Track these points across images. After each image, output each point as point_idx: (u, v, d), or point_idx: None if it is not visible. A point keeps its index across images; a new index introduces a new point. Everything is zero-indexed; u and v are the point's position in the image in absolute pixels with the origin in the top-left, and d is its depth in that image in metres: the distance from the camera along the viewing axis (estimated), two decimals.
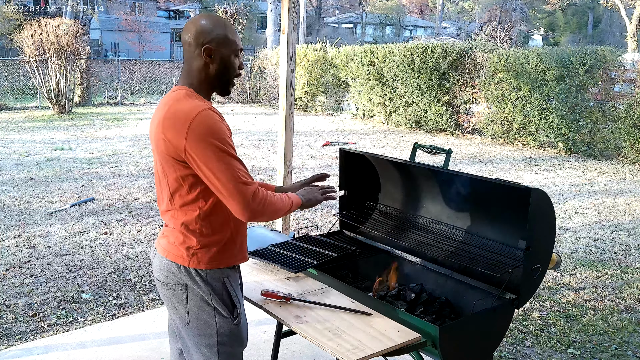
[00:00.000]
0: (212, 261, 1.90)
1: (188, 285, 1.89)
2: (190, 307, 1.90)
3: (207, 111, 1.78)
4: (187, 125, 1.75)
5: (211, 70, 1.88)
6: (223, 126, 1.80)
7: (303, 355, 3.24)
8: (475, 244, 2.47)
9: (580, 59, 10.39)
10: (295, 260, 2.54)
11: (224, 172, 1.75)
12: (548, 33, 42.27)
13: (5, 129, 12.01)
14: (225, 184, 1.76)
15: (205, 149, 1.74)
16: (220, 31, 1.87)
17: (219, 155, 1.74)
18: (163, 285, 1.94)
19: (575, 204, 7.13)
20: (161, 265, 1.94)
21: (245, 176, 1.80)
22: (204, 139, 1.74)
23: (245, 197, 1.77)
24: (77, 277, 4.44)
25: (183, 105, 1.80)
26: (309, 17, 36.39)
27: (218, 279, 1.91)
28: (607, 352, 3.47)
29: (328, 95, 17.04)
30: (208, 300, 1.89)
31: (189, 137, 1.74)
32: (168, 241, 1.93)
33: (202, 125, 1.75)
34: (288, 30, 3.87)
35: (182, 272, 1.89)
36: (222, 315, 1.91)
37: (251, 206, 1.78)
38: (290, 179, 4.12)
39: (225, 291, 1.92)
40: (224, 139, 1.77)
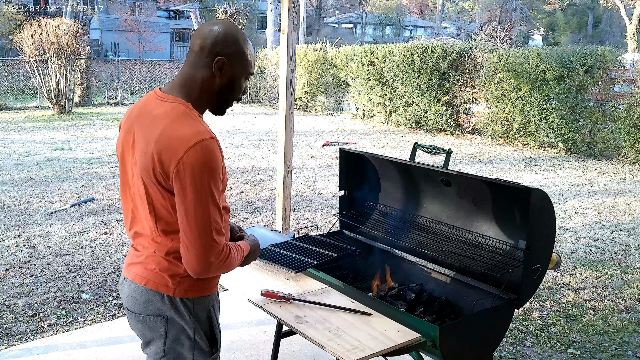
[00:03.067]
0: (200, 289, 1.73)
1: (169, 317, 1.70)
2: (169, 341, 1.72)
3: (208, 142, 1.56)
4: (183, 152, 1.54)
5: (216, 84, 1.68)
6: (219, 162, 1.59)
7: (303, 355, 3.24)
8: (475, 244, 2.47)
9: (580, 59, 10.39)
10: (295, 260, 2.54)
11: (198, 217, 1.56)
12: (548, 33, 42.26)
13: (5, 129, 12.01)
14: (193, 230, 1.58)
15: (191, 185, 1.55)
16: (240, 47, 1.69)
17: (200, 197, 1.56)
18: (138, 317, 1.75)
19: (575, 204, 7.13)
20: (136, 294, 1.73)
21: (218, 229, 1.60)
22: (192, 173, 1.54)
23: (206, 252, 1.58)
24: (77, 277, 4.44)
25: (184, 128, 1.58)
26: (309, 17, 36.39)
27: (204, 308, 1.75)
28: (607, 352, 3.47)
29: (328, 95, 17.04)
30: (190, 333, 1.73)
31: (180, 165, 1.55)
32: (146, 268, 1.71)
33: (198, 157, 1.54)
34: (288, 30, 3.87)
35: (164, 303, 1.70)
36: (202, 349, 1.75)
37: (208, 264, 1.59)
38: (290, 179, 4.12)
39: (209, 322, 1.77)
40: (214, 180, 1.58)
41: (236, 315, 3.70)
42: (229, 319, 3.65)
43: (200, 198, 1.56)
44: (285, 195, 4.10)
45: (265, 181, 7.88)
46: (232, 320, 3.64)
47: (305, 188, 7.58)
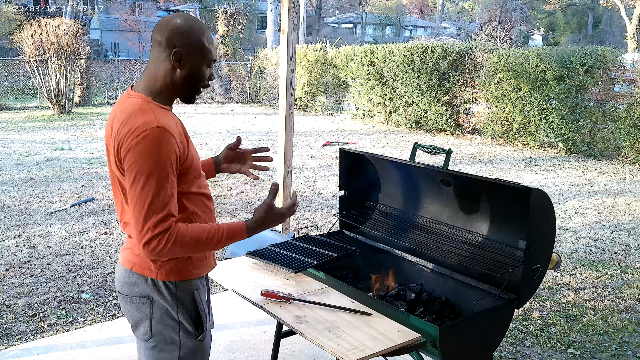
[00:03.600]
0: (181, 273, 1.80)
1: (153, 299, 1.79)
2: (154, 322, 1.80)
3: (154, 130, 1.63)
4: (131, 142, 1.63)
5: (177, 76, 1.75)
6: (166, 150, 1.64)
7: (303, 355, 3.24)
8: (475, 244, 2.47)
9: (580, 59, 10.39)
10: (295, 260, 2.54)
11: (136, 203, 1.63)
12: (548, 33, 42.26)
13: (5, 129, 12.01)
14: (135, 215, 1.64)
15: (134, 171, 1.63)
16: (196, 37, 1.74)
17: (139, 183, 1.62)
18: (126, 298, 1.83)
19: (575, 204, 7.13)
20: (125, 277, 1.83)
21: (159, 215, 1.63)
22: (137, 160, 1.62)
23: (144, 234, 1.63)
24: (77, 277, 4.45)
25: (136, 119, 1.66)
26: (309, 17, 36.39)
27: (187, 291, 1.82)
28: (607, 352, 3.47)
29: (328, 95, 17.05)
30: (174, 314, 1.80)
31: (129, 153, 1.63)
32: (133, 253, 1.81)
33: (142, 145, 1.62)
34: (288, 30, 3.87)
35: (148, 285, 1.78)
36: (187, 330, 1.82)
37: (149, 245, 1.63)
38: (290, 179, 4.12)
39: (194, 305, 1.83)
40: (159, 166, 1.63)
41: (236, 315, 3.70)
42: (229, 319, 3.65)
43: (139, 184, 1.62)
44: (285, 195, 4.10)
45: (265, 181, 7.88)
46: (232, 320, 3.64)
47: (305, 188, 7.58)
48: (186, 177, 1.76)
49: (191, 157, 1.78)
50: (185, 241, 1.67)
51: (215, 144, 10.77)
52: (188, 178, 1.77)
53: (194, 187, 1.81)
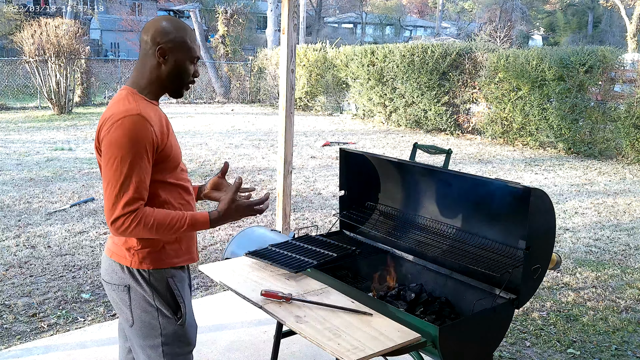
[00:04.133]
0: (154, 261, 1.89)
1: (130, 286, 1.89)
2: (134, 308, 1.90)
3: (133, 117, 1.75)
4: (110, 127, 1.75)
5: (162, 71, 1.88)
6: (142, 136, 1.75)
7: (303, 355, 3.24)
8: (475, 244, 2.47)
9: (580, 59, 10.39)
10: (295, 260, 2.54)
11: (109, 183, 1.74)
12: (548, 33, 42.25)
13: (5, 129, 12.01)
14: (105, 194, 1.76)
15: (108, 153, 1.74)
16: (179, 34, 1.87)
17: (115, 164, 1.73)
18: (108, 285, 1.95)
19: (575, 204, 7.13)
20: (106, 265, 1.95)
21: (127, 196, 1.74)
22: (112, 143, 1.73)
23: (110, 213, 1.75)
24: (77, 277, 4.45)
25: (117, 107, 1.80)
26: (309, 17, 36.39)
27: (161, 279, 1.91)
28: (607, 352, 3.47)
29: (328, 95, 17.05)
30: (151, 301, 1.90)
31: (107, 136, 1.75)
32: (113, 242, 1.93)
33: (120, 130, 1.73)
34: (288, 30, 3.87)
35: (125, 273, 1.89)
36: (166, 316, 1.91)
37: (115, 222, 1.75)
38: (290, 179, 4.12)
39: (169, 292, 1.92)
40: (132, 151, 1.73)
41: (236, 315, 3.70)
42: (229, 319, 3.65)
43: (112, 165, 1.73)
44: (285, 195, 4.10)
45: (265, 181, 7.88)
46: (232, 320, 3.64)
47: (305, 188, 7.58)
48: (162, 165, 1.85)
49: (169, 147, 1.87)
50: (148, 223, 1.77)
51: (215, 144, 10.77)
52: (165, 167, 1.86)
53: (170, 177, 1.90)
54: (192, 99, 19.30)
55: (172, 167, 1.90)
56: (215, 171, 8.43)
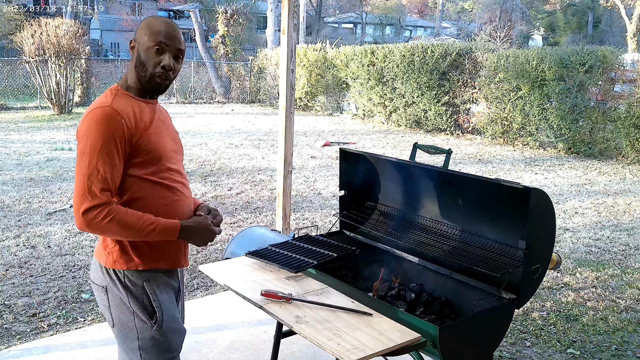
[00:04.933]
0: (129, 262, 1.85)
1: (108, 287, 1.87)
2: (112, 310, 1.88)
3: (103, 109, 1.76)
4: (83, 119, 1.79)
5: (132, 64, 1.89)
6: (112, 128, 1.74)
7: (303, 355, 3.24)
8: (475, 244, 2.47)
9: (580, 59, 10.39)
10: (295, 260, 2.54)
11: (79, 174, 1.75)
12: (548, 33, 42.25)
13: (5, 129, 12.01)
14: (75, 185, 1.76)
15: (79, 145, 1.77)
16: (144, 26, 1.88)
17: (84, 156, 1.74)
18: (93, 285, 1.94)
19: (575, 204, 7.13)
20: (92, 265, 1.96)
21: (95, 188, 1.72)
22: (82, 135, 1.76)
23: (79, 204, 1.73)
24: (77, 277, 4.44)
25: (95, 102, 1.83)
26: (309, 17, 36.39)
27: (136, 282, 1.86)
28: (607, 352, 3.47)
29: (328, 95, 17.05)
30: (127, 303, 1.86)
31: (79, 128, 1.79)
32: (98, 242, 1.94)
33: (89, 121, 1.76)
34: (288, 30, 3.87)
35: (103, 273, 1.88)
36: (142, 320, 1.86)
37: (82, 216, 1.72)
38: (290, 179, 4.12)
39: (145, 295, 1.86)
40: (101, 142, 1.73)
41: (236, 315, 3.70)
42: (229, 319, 3.65)
43: (81, 157, 1.74)
44: (285, 195, 4.10)
45: (265, 181, 7.88)
46: (232, 320, 3.64)
47: (305, 188, 7.58)
48: (139, 160, 1.82)
49: (146, 141, 1.83)
50: (119, 221, 1.74)
51: (215, 144, 10.77)
52: (142, 162, 1.82)
53: (149, 175, 1.85)
54: (192, 99, 19.30)
55: (151, 163, 1.85)
56: (215, 171, 8.43)
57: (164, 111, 2.07)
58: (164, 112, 2.08)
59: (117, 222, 1.74)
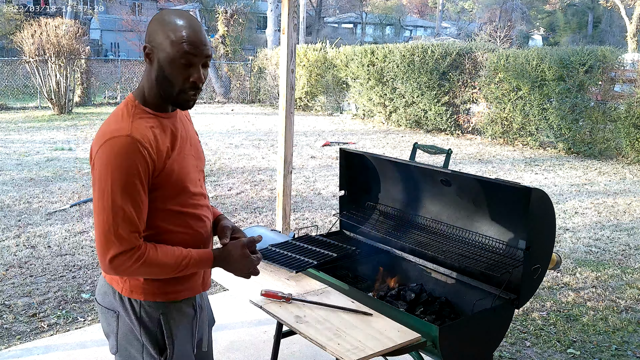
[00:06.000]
0: (147, 293, 1.67)
1: (120, 314, 1.70)
2: (120, 338, 1.72)
3: (122, 139, 1.52)
4: (97, 149, 1.55)
5: (152, 76, 1.60)
6: (133, 161, 1.52)
7: (303, 355, 3.24)
8: (475, 244, 2.47)
9: (580, 59, 10.39)
10: (295, 260, 2.54)
11: (101, 214, 1.53)
12: (548, 33, 42.25)
13: (5, 129, 12.01)
14: (97, 228, 1.55)
15: (98, 180, 1.54)
16: (161, 30, 1.56)
17: (106, 195, 1.52)
18: (99, 307, 1.77)
19: (575, 204, 7.13)
20: (100, 285, 1.77)
21: (122, 232, 1.53)
22: (101, 170, 1.53)
23: (105, 249, 1.53)
24: (77, 277, 4.45)
25: (109, 125, 1.58)
26: (309, 17, 36.39)
27: (152, 314, 1.68)
28: (607, 352, 3.47)
29: (328, 95, 17.04)
30: (138, 335, 1.69)
31: (94, 161, 1.56)
32: None
33: (107, 154, 1.52)
34: (288, 30, 3.87)
35: (116, 298, 1.70)
36: (151, 354, 1.69)
37: (109, 261, 1.54)
38: (290, 179, 4.12)
39: (160, 329, 1.69)
40: (124, 179, 1.52)
41: (236, 315, 3.70)
42: (229, 319, 3.65)
43: (102, 196, 1.53)
44: (285, 195, 4.10)
45: (265, 181, 7.88)
46: (232, 320, 3.64)
47: (305, 188, 7.58)
48: (162, 192, 1.61)
49: (170, 171, 1.61)
50: (153, 263, 1.58)
51: (215, 144, 10.77)
52: (165, 194, 1.62)
53: (173, 205, 1.65)
54: None
55: (174, 193, 1.64)
56: (215, 171, 8.43)
57: (184, 115, 1.80)
58: (185, 115, 1.81)
59: (149, 264, 1.57)
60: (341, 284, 2.38)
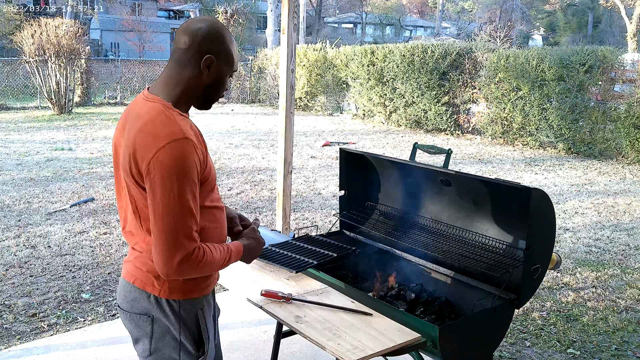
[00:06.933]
0: (186, 291, 1.71)
1: (155, 317, 1.71)
2: (155, 341, 1.72)
3: (181, 142, 1.56)
4: (154, 152, 1.54)
5: (202, 82, 1.69)
6: (191, 163, 1.57)
7: (303, 355, 3.24)
8: (475, 244, 2.47)
9: (580, 59, 10.39)
10: (295, 260, 2.54)
11: (167, 217, 1.54)
12: (548, 33, 42.25)
13: (5, 129, 12.01)
14: (162, 232, 1.55)
15: (160, 185, 1.54)
16: (227, 45, 1.69)
17: (169, 198, 1.54)
18: (126, 314, 1.76)
19: (575, 204, 7.13)
20: (126, 291, 1.75)
21: (189, 232, 1.57)
22: (164, 175, 1.53)
23: (171, 254, 1.55)
24: (77, 277, 4.45)
25: (157, 127, 1.58)
26: (309, 17, 36.38)
27: (191, 310, 1.73)
28: (607, 352, 3.47)
29: (328, 95, 17.04)
30: (176, 335, 1.72)
31: (150, 165, 1.54)
32: (135, 266, 1.73)
33: (168, 157, 1.53)
34: (288, 30, 3.87)
35: (150, 302, 1.70)
36: (188, 351, 1.74)
37: (173, 266, 1.56)
38: (290, 179, 4.12)
39: (196, 325, 1.75)
40: (184, 182, 1.55)
41: (236, 315, 3.70)
42: (229, 319, 3.65)
43: (168, 199, 1.54)
44: (285, 195, 4.10)
45: (265, 181, 7.88)
46: (232, 320, 3.64)
47: (305, 188, 7.58)
48: (201, 189, 1.67)
49: (209, 168, 1.71)
50: (209, 262, 1.63)
51: (215, 144, 10.77)
52: (203, 190, 1.68)
53: (207, 201, 1.72)
54: None
55: (209, 189, 1.73)
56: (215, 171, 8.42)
57: None
58: None
59: (207, 263, 1.62)
60: (341, 284, 2.38)
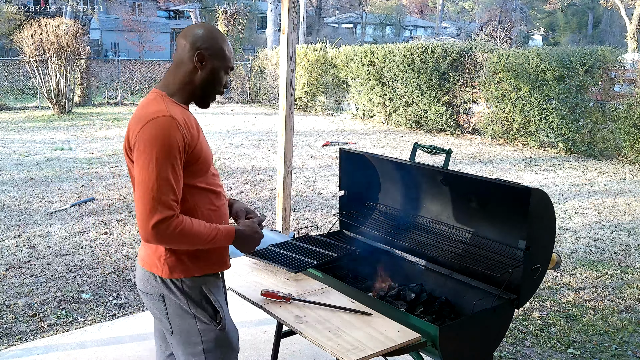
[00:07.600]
0: (185, 270, 1.86)
1: (165, 295, 1.87)
2: (171, 317, 1.88)
3: (164, 118, 1.73)
4: (139, 128, 1.74)
5: (197, 77, 1.87)
6: (174, 138, 1.73)
7: (303, 355, 3.24)
8: (475, 244, 2.47)
9: (580, 59, 10.39)
10: (295, 260, 2.54)
11: (145, 183, 1.70)
12: (548, 33, 42.25)
13: (5, 129, 12.01)
14: (141, 197, 1.71)
15: (142, 154, 1.71)
16: (218, 43, 1.87)
17: (150, 166, 1.70)
18: (144, 295, 1.93)
19: (575, 204, 7.13)
20: (140, 275, 1.93)
21: (166, 199, 1.70)
22: (145, 145, 1.71)
23: (148, 217, 1.69)
24: (77, 277, 4.44)
25: (147, 108, 1.78)
26: (309, 17, 36.38)
27: (195, 287, 1.87)
28: (607, 352, 3.47)
29: (328, 95, 17.04)
30: (186, 308, 1.86)
31: (137, 139, 1.73)
32: (145, 251, 1.91)
33: (151, 130, 1.71)
34: (288, 30, 3.87)
35: (158, 282, 1.87)
36: (204, 322, 1.87)
37: (150, 229, 1.69)
38: (290, 179, 4.12)
39: (205, 298, 1.88)
40: (166, 152, 1.71)
41: (236, 315, 3.69)
42: None
43: (147, 168, 1.70)
44: (285, 195, 4.10)
45: (265, 181, 7.88)
46: None
47: (305, 188, 7.58)
48: (192, 168, 1.82)
49: (199, 149, 1.83)
50: (189, 232, 1.74)
51: (215, 144, 10.77)
52: (195, 170, 1.83)
53: (200, 182, 1.86)
54: None
55: (202, 171, 1.87)
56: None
57: None
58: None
59: (186, 232, 1.74)
60: (341, 284, 2.38)
